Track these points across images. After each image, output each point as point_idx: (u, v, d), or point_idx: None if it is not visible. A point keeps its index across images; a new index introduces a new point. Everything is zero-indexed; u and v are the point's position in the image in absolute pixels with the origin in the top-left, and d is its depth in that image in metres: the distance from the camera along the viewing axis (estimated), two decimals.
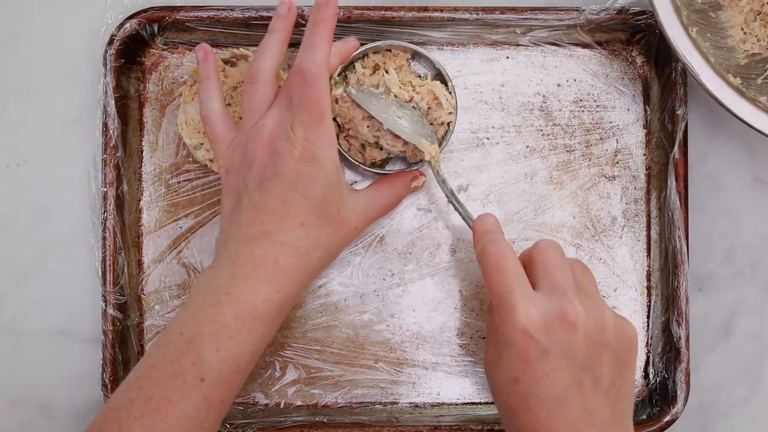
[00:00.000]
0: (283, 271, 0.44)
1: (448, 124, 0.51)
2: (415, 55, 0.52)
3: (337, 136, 0.51)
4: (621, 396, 0.43)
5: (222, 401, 0.42)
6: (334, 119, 0.51)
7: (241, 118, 0.49)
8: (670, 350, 0.52)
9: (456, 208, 0.50)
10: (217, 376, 0.41)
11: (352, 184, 0.53)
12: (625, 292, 0.54)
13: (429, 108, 0.51)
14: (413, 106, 0.50)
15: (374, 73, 0.51)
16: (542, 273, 0.44)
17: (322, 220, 0.45)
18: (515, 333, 0.41)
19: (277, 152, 0.44)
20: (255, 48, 0.53)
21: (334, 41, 0.50)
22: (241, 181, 0.46)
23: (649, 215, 0.54)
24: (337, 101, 0.51)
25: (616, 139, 0.54)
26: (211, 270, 0.45)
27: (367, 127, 0.50)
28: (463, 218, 0.49)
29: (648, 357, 0.54)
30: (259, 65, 0.47)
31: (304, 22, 0.50)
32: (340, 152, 0.52)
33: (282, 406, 0.53)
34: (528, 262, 0.45)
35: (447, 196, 0.50)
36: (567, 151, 0.54)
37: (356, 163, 0.51)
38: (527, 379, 0.41)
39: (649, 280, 0.54)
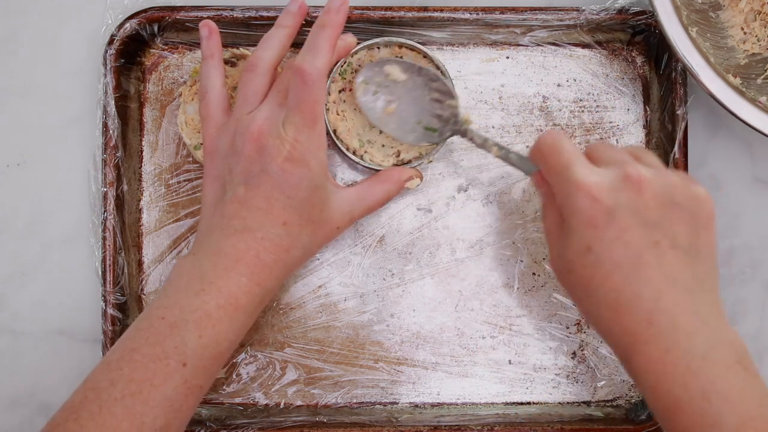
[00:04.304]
0: (264, 266, 0.45)
1: None
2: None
3: (335, 134, 0.51)
4: (701, 258, 0.41)
5: (200, 387, 0.43)
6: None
7: None
8: None
9: (512, 162, 0.48)
10: (198, 361, 0.42)
11: (351, 184, 0.53)
12: None
13: None
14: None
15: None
16: (598, 156, 0.43)
17: (304, 220, 0.46)
18: (579, 199, 0.40)
19: (265, 149, 0.45)
20: (255, 48, 0.53)
21: None
22: (226, 170, 0.46)
23: None
24: (328, 109, 0.51)
25: (616, 139, 0.54)
26: (192, 257, 0.45)
27: (357, 140, 0.51)
28: (519, 167, 0.48)
29: None
30: (260, 55, 0.48)
31: (309, 25, 0.50)
32: (339, 151, 0.52)
33: (282, 406, 0.53)
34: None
35: (499, 158, 0.49)
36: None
37: (355, 161, 0.51)
38: (599, 244, 0.40)
39: None
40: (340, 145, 0.51)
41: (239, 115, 0.47)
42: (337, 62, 0.51)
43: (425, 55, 0.52)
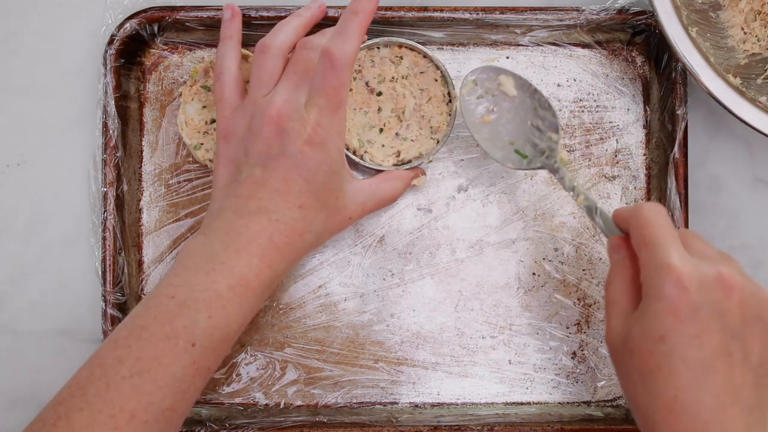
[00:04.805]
0: (276, 248, 0.44)
1: (448, 119, 0.52)
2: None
3: None
4: (767, 381, 0.39)
5: (208, 368, 0.43)
6: None
7: None
8: None
9: (594, 218, 0.46)
10: (207, 342, 0.42)
11: None
12: None
13: (420, 105, 0.52)
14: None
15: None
16: (690, 244, 0.42)
17: (320, 205, 0.46)
18: (668, 285, 0.38)
19: (285, 131, 0.44)
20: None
21: None
22: (242, 152, 0.46)
23: None
24: None
25: (616, 139, 0.54)
26: (203, 237, 0.45)
27: (357, 139, 0.51)
28: (603, 231, 0.46)
29: None
30: (273, 38, 0.48)
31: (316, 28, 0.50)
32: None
33: (282, 406, 0.53)
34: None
35: (582, 206, 0.47)
36: (567, 151, 0.54)
37: (356, 161, 0.51)
38: (675, 337, 0.38)
39: None
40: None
41: (255, 98, 0.47)
42: None
43: (425, 55, 0.52)
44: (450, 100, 0.52)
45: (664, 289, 0.38)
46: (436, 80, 0.52)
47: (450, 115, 0.52)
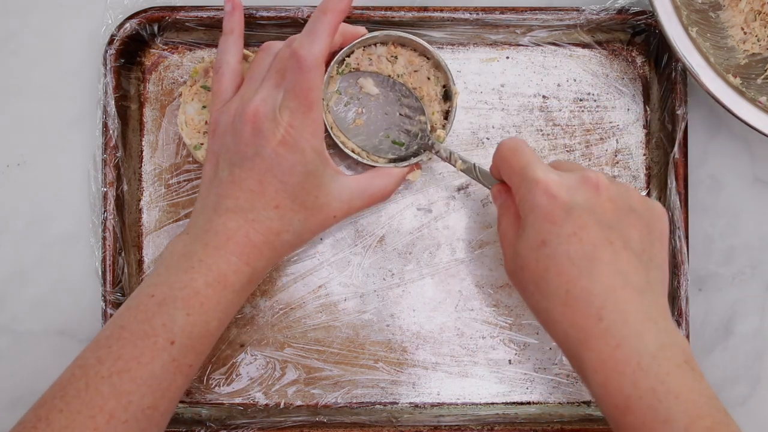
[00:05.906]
0: (253, 247, 0.44)
1: (446, 116, 0.52)
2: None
3: (333, 132, 0.51)
4: (654, 264, 0.41)
5: (190, 366, 0.43)
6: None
7: None
8: None
9: (474, 175, 0.49)
10: (186, 340, 0.42)
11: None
12: None
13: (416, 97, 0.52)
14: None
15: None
16: (558, 165, 0.45)
17: (297, 205, 0.45)
18: (537, 196, 0.41)
19: (260, 131, 0.44)
20: (255, 48, 0.53)
21: None
22: (223, 149, 0.46)
23: None
24: (328, 111, 0.51)
25: (616, 139, 0.54)
26: (185, 236, 0.45)
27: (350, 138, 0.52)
28: (486, 185, 0.49)
29: None
30: (279, 41, 0.48)
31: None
32: (339, 150, 0.52)
33: (282, 406, 0.53)
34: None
35: (463, 171, 0.50)
36: (567, 151, 0.54)
37: (355, 158, 0.51)
38: (554, 239, 0.40)
39: None
40: (337, 141, 0.51)
41: (242, 93, 0.47)
42: (340, 50, 0.50)
43: (422, 52, 0.51)
44: (447, 98, 0.52)
45: (536, 201, 0.41)
46: (428, 78, 0.52)
47: (444, 113, 0.52)
